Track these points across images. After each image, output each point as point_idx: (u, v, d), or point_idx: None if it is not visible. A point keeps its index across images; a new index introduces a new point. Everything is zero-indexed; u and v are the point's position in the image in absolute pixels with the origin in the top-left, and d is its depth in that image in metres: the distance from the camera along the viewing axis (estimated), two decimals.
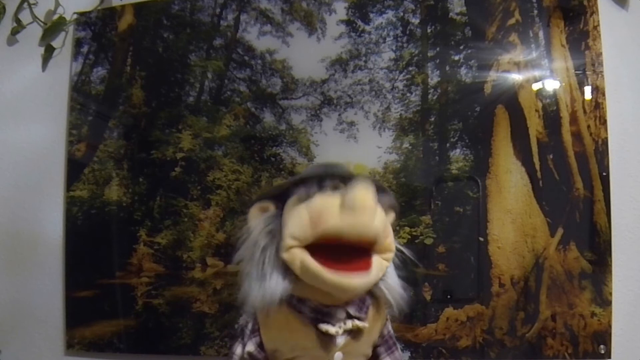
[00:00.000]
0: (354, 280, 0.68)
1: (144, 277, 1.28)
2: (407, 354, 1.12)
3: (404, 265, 0.80)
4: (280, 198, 0.74)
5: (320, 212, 0.68)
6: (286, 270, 0.71)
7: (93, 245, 1.33)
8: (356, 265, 0.69)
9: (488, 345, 1.09)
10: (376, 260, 0.71)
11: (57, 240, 1.36)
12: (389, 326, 0.82)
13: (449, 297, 1.12)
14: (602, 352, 1.03)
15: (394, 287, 0.76)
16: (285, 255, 0.70)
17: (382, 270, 0.73)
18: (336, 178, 0.71)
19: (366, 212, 0.67)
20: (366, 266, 0.70)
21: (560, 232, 1.08)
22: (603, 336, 1.04)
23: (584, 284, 1.06)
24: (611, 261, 1.05)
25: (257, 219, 0.74)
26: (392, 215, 0.78)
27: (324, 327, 0.72)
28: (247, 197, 1.24)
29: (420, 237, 1.14)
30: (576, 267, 1.06)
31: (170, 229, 1.28)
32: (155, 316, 1.26)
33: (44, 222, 1.38)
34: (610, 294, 1.05)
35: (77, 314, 1.32)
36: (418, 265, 1.09)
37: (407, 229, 1.14)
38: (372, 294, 0.76)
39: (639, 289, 1.06)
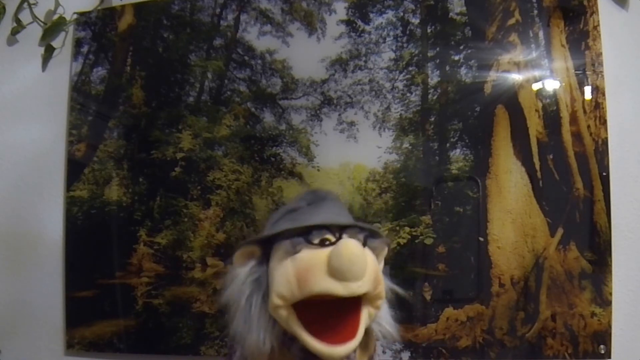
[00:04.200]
0: (338, 350, 0.67)
1: (144, 277, 1.28)
2: (407, 354, 1.12)
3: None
4: (267, 243, 0.73)
5: (306, 271, 0.67)
6: (274, 320, 0.70)
7: (93, 245, 1.33)
8: (342, 334, 0.67)
9: (488, 345, 1.09)
10: (365, 314, 0.70)
11: (57, 240, 1.36)
12: (377, 357, 0.81)
13: (448, 297, 1.12)
14: (602, 352, 1.03)
15: (384, 322, 0.76)
16: (272, 314, 0.69)
17: (371, 318, 0.72)
18: (323, 229, 0.69)
19: (355, 273, 0.65)
20: (353, 331, 0.68)
21: (560, 232, 1.08)
22: (603, 336, 1.04)
23: (584, 284, 1.06)
24: (611, 261, 1.05)
25: (242, 265, 0.73)
26: (384, 253, 0.76)
27: None
28: (247, 197, 1.25)
29: (420, 237, 1.14)
30: (576, 267, 1.06)
31: (170, 229, 1.28)
32: (155, 316, 1.26)
33: (44, 222, 1.39)
34: (610, 294, 1.04)
35: (77, 314, 1.32)
36: (410, 304, 1.09)
37: (407, 229, 1.14)
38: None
39: (639, 289, 1.06)
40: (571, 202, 1.08)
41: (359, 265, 0.66)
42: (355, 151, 1.20)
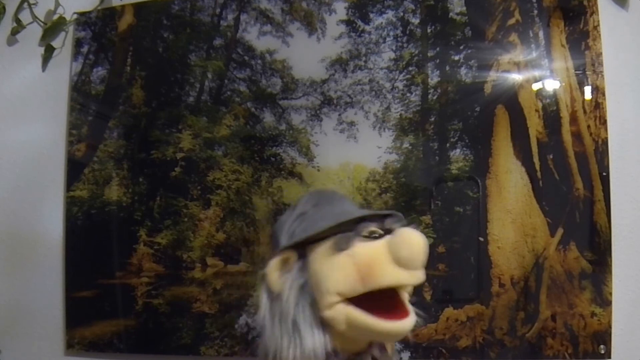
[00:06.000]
0: (406, 325, 0.67)
1: (144, 277, 1.28)
2: (407, 354, 1.12)
3: None
4: (300, 246, 0.71)
5: (370, 265, 0.65)
6: (325, 325, 0.68)
7: (93, 245, 1.33)
8: (399, 314, 0.67)
9: (488, 345, 1.08)
10: (406, 296, 0.69)
11: (57, 240, 1.36)
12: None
13: (448, 297, 1.12)
14: (602, 352, 1.03)
15: None
16: (327, 313, 0.67)
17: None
18: (363, 222, 0.68)
19: (422, 261, 0.65)
20: (406, 309, 0.68)
21: (560, 232, 1.08)
22: (603, 336, 1.04)
23: (584, 284, 1.06)
24: (611, 261, 1.05)
25: (279, 272, 0.70)
26: None
27: None
28: (247, 197, 1.25)
29: None
30: (576, 267, 1.06)
31: (170, 229, 1.28)
32: (155, 316, 1.26)
33: (44, 222, 1.39)
34: (610, 294, 1.04)
35: (77, 314, 1.32)
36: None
37: None
38: None
39: (639, 289, 1.06)
40: (571, 202, 1.08)
41: (423, 253, 0.66)
42: (355, 151, 1.20)
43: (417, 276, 0.66)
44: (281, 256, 0.70)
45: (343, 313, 0.67)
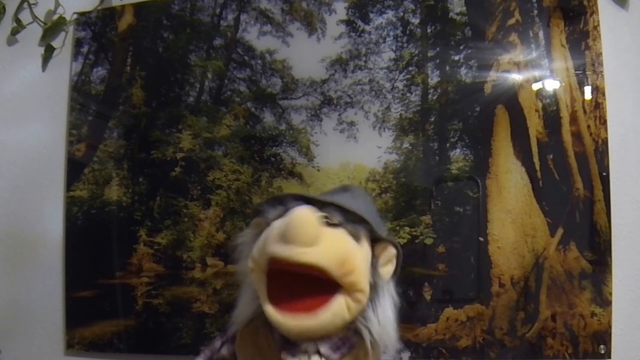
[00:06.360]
0: (299, 322, 0.66)
1: (144, 277, 1.28)
2: (407, 354, 1.12)
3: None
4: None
5: (267, 237, 0.69)
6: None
7: (93, 245, 1.33)
8: (308, 304, 0.66)
9: (488, 345, 1.09)
10: (338, 300, 0.67)
11: (57, 240, 1.36)
12: None
13: (448, 297, 1.12)
14: (602, 352, 1.03)
15: (381, 329, 0.72)
16: (248, 276, 0.71)
17: (349, 313, 0.69)
18: (297, 201, 0.70)
19: (299, 237, 0.65)
20: (319, 304, 0.66)
21: (560, 232, 1.08)
22: (603, 336, 1.04)
23: (584, 284, 1.06)
24: (611, 261, 1.05)
25: (251, 232, 0.75)
26: (387, 253, 0.73)
27: (284, 356, 0.70)
28: (247, 197, 1.24)
29: (420, 237, 1.14)
30: (576, 267, 1.06)
31: (170, 229, 1.28)
32: (155, 316, 1.26)
33: (44, 222, 1.39)
34: (610, 294, 1.04)
35: (77, 314, 1.32)
36: (410, 305, 1.07)
37: (407, 229, 1.14)
38: (359, 335, 0.72)
39: (639, 289, 1.06)
40: (571, 202, 1.08)
41: (304, 231, 0.65)
42: (355, 151, 1.20)
43: (293, 252, 0.65)
44: (254, 220, 0.75)
45: (255, 283, 0.70)
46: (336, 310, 0.68)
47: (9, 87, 1.46)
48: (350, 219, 0.70)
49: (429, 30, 1.19)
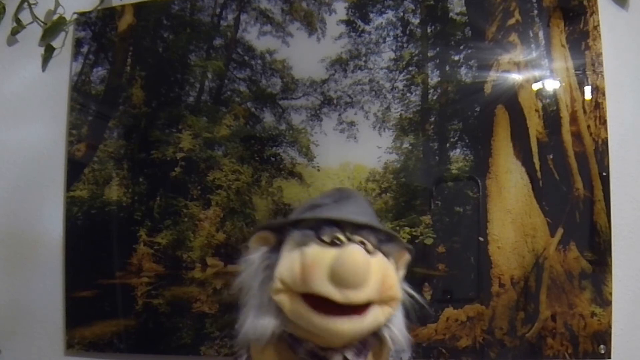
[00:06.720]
0: (344, 325, 0.66)
1: (144, 277, 1.28)
2: (407, 354, 1.12)
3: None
4: (282, 231, 0.73)
5: (311, 267, 0.67)
6: (280, 308, 0.70)
7: (93, 245, 1.33)
8: (349, 310, 0.66)
9: (488, 345, 1.08)
10: (375, 309, 0.69)
11: (57, 240, 1.36)
12: None
13: (448, 297, 1.12)
14: (602, 352, 1.03)
15: (397, 331, 0.74)
16: (274, 297, 0.69)
17: (384, 317, 0.71)
18: (335, 226, 0.69)
19: (354, 282, 0.65)
20: (361, 311, 0.67)
21: (560, 232, 1.08)
22: (603, 336, 1.04)
23: (584, 284, 1.06)
24: (611, 261, 1.05)
25: (256, 250, 0.73)
26: (404, 259, 0.76)
27: None
28: (247, 197, 1.25)
29: (420, 237, 1.14)
30: (576, 267, 1.06)
31: (170, 229, 1.28)
32: (155, 316, 1.26)
33: (44, 222, 1.39)
34: (610, 294, 1.04)
35: (77, 314, 1.32)
36: (429, 309, 1.07)
37: (407, 229, 1.14)
38: (376, 336, 0.73)
39: (639, 289, 1.06)
40: (571, 202, 1.08)
41: (360, 275, 0.65)
42: (355, 151, 1.20)
43: (347, 296, 0.65)
44: (260, 235, 0.74)
45: (287, 300, 0.68)
46: (377, 315, 0.70)
47: (9, 87, 1.46)
48: (379, 237, 0.71)
49: (429, 30, 1.19)
